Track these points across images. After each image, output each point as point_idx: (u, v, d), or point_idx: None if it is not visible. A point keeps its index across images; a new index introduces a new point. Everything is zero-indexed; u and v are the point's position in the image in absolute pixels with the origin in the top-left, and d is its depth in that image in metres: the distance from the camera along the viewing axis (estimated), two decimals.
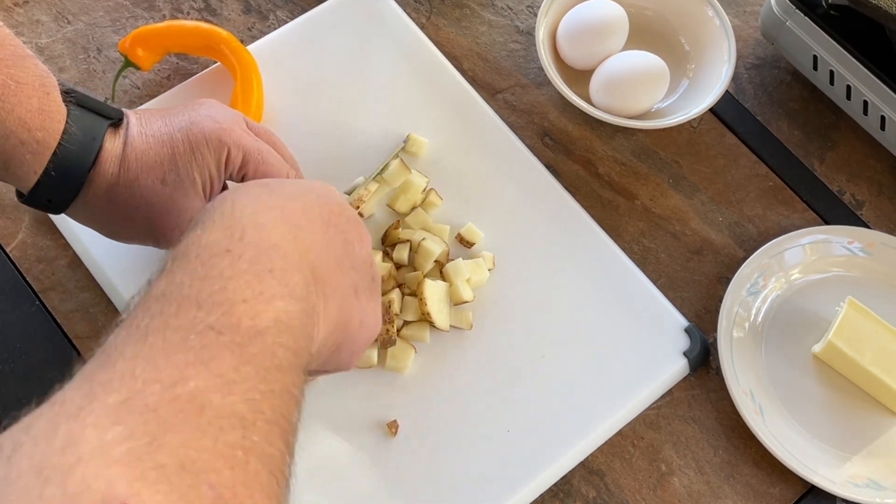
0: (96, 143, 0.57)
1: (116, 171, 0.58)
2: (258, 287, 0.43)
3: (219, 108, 0.62)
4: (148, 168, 0.58)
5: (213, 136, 0.59)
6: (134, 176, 0.58)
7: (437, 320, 0.67)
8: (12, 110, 0.54)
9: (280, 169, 0.62)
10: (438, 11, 0.83)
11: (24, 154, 0.55)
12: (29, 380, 0.67)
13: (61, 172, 0.57)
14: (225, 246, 0.44)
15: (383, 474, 0.64)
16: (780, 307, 0.72)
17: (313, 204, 0.51)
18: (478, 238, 0.71)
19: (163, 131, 0.60)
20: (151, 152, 0.59)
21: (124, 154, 0.58)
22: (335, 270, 0.50)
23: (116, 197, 0.58)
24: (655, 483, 0.67)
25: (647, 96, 0.75)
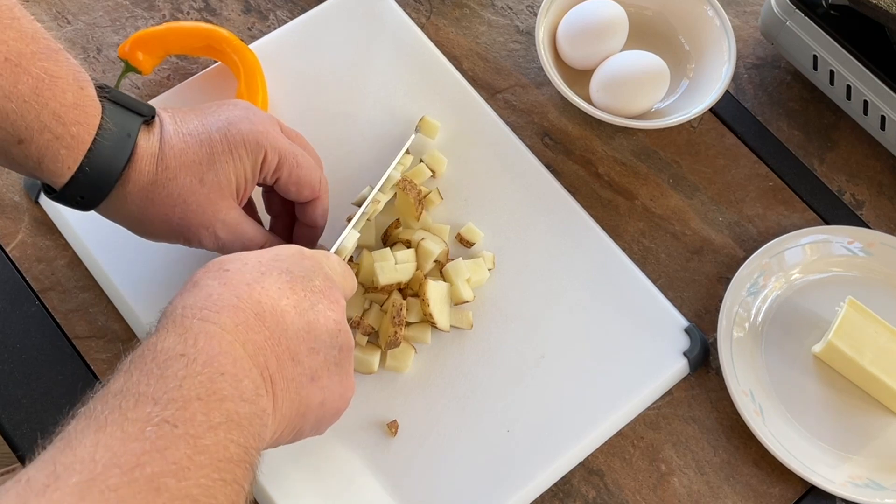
0: (131, 140, 0.56)
1: (154, 170, 0.58)
2: (211, 387, 0.45)
3: (254, 111, 0.62)
4: (187, 167, 0.58)
5: (250, 137, 0.59)
6: (173, 175, 0.58)
7: (438, 321, 0.67)
8: (47, 104, 0.53)
9: (312, 173, 0.63)
10: (438, 11, 0.83)
11: (58, 149, 0.54)
12: (29, 380, 0.67)
13: (96, 169, 0.56)
14: (179, 350, 0.46)
15: (383, 474, 0.64)
16: (780, 307, 0.72)
17: (273, 284, 0.52)
18: (478, 238, 0.71)
19: (200, 130, 0.59)
20: (190, 151, 0.58)
21: (161, 152, 0.58)
22: (288, 365, 0.51)
23: (154, 195, 0.58)
24: (655, 483, 0.67)
25: (647, 96, 0.75)
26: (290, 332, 0.51)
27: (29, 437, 0.65)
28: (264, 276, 0.52)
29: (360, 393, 0.66)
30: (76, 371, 0.67)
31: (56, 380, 0.67)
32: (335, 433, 0.65)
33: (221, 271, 0.52)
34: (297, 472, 0.64)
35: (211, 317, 0.49)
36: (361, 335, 0.66)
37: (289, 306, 0.52)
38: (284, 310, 0.52)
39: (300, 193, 0.63)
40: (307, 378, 0.52)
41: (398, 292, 0.68)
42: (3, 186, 0.73)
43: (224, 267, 0.53)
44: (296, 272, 0.54)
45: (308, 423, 0.54)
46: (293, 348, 0.51)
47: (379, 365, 0.67)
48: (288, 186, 0.62)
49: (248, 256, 0.54)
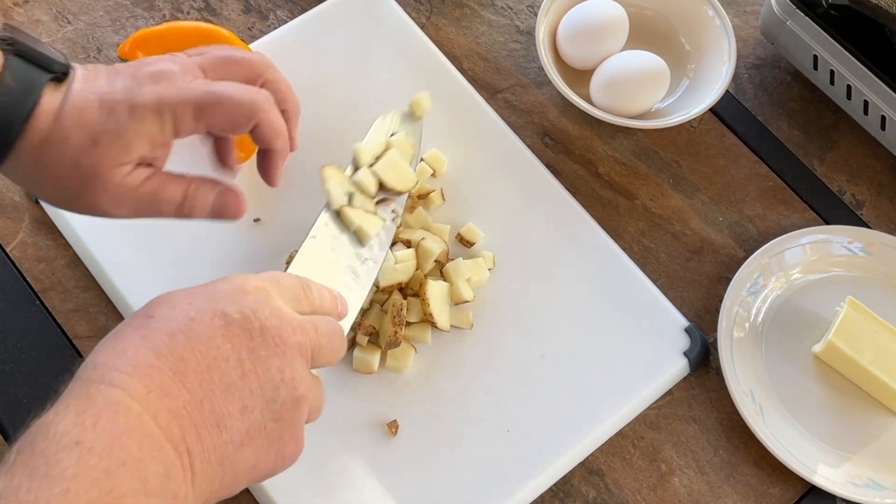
0: (33, 98, 0.52)
1: (48, 129, 0.53)
2: (107, 484, 0.40)
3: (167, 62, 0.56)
4: (80, 127, 0.53)
5: (152, 96, 0.54)
6: (65, 135, 0.53)
7: (438, 321, 0.67)
8: None
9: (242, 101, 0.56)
10: (438, 11, 0.83)
11: None
12: (29, 380, 0.67)
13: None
14: (75, 437, 0.41)
15: (383, 474, 0.64)
16: (780, 307, 0.72)
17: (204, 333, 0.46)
18: (478, 238, 0.71)
19: (104, 90, 0.54)
20: (88, 110, 0.53)
21: (60, 111, 0.53)
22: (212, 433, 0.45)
23: (44, 156, 0.53)
24: (655, 483, 0.67)
25: (647, 96, 0.75)
26: (217, 391, 0.45)
27: None
28: (193, 324, 0.46)
29: (361, 392, 0.66)
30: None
31: (56, 380, 0.67)
32: (335, 433, 0.65)
33: (145, 318, 0.47)
34: (297, 472, 0.64)
35: (121, 381, 0.43)
36: (362, 335, 0.66)
37: (219, 359, 0.46)
38: (213, 364, 0.46)
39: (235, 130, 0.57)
40: (235, 445, 0.46)
41: (398, 292, 0.68)
42: (3, 186, 0.73)
43: (149, 312, 0.47)
44: (233, 314, 0.47)
45: (239, 486, 0.48)
46: (220, 411, 0.45)
47: (379, 365, 0.67)
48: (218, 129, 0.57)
49: (177, 298, 0.48)
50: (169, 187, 0.56)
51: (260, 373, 0.47)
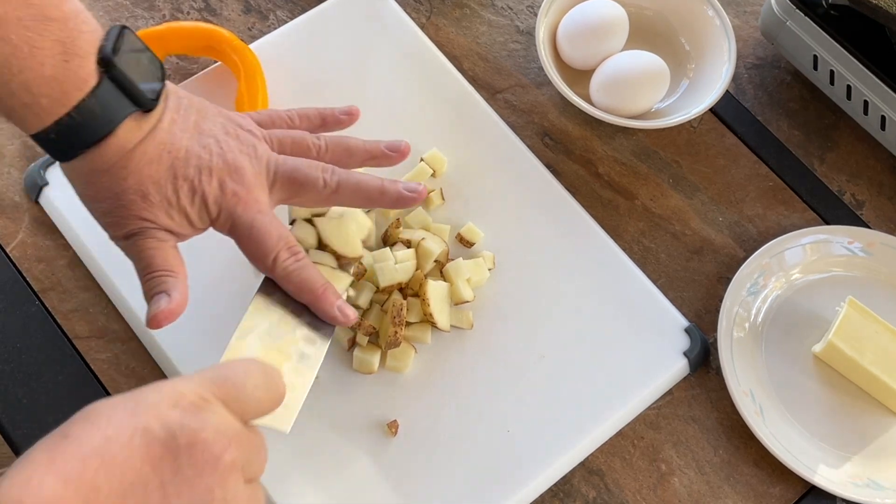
0: (110, 126, 0.54)
1: (113, 163, 0.55)
2: None
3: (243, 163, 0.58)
4: (141, 177, 0.56)
5: (213, 192, 0.57)
6: (123, 176, 0.55)
7: (438, 321, 0.67)
8: (19, 73, 0.51)
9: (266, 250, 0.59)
10: (438, 11, 0.83)
11: (26, 114, 0.53)
12: (29, 380, 0.67)
13: (62, 139, 0.54)
14: None
15: (383, 474, 0.64)
16: (780, 307, 0.72)
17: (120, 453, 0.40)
18: (478, 238, 0.71)
19: (180, 156, 0.57)
20: (155, 167, 0.56)
21: (132, 151, 0.55)
22: None
23: (98, 180, 0.56)
24: (655, 483, 0.67)
25: (647, 96, 0.75)
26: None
27: (29, 437, 0.65)
28: (109, 444, 0.40)
29: (361, 392, 0.66)
30: (76, 371, 0.67)
31: (56, 380, 0.67)
32: (335, 433, 0.65)
33: (60, 437, 0.41)
34: (297, 472, 0.64)
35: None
36: (362, 335, 0.66)
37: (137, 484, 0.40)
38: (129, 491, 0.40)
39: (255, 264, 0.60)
40: None
41: (398, 292, 0.68)
42: (3, 186, 0.73)
43: (65, 431, 0.41)
44: (156, 430, 0.41)
45: None
46: None
47: (379, 365, 0.67)
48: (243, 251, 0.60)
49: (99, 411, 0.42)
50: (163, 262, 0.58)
51: (185, 496, 0.41)
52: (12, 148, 0.74)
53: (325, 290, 0.60)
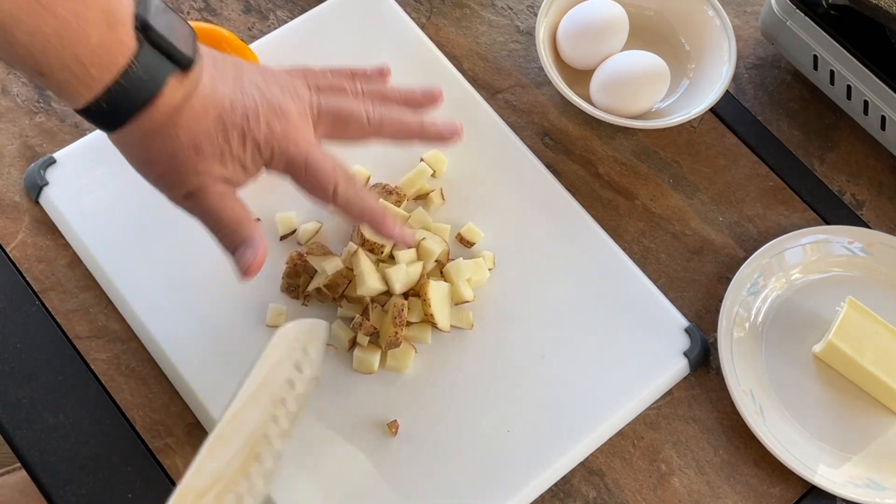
0: (155, 87, 0.55)
1: (163, 122, 0.56)
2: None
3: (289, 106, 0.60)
4: (192, 132, 0.57)
5: (263, 134, 0.59)
6: (175, 133, 0.57)
7: (439, 321, 0.67)
8: (69, 46, 0.52)
9: (322, 183, 0.60)
10: (438, 11, 0.83)
11: (77, 86, 0.54)
12: (29, 380, 0.67)
13: (111, 107, 0.55)
14: None
15: (383, 474, 0.64)
16: (780, 307, 0.72)
17: None
18: (478, 238, 0.71)
19: (225, 105, 0.58)
20: (204, 120, 0.57)
21: (179, 108, 0.57)
22: None
23: (150, 142, 0.57)
24: (655, 483, 0.67)
25: (647, 96, 0.75)
26: None
27: (29, 437, 0.65)
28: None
29: (361, 392, 0.66)
30: (76, 371, 0.67)
31: (56, 380, 0.67)
32: (335, 433, 0.65)
33: None
34: (297, 472, 0.64)
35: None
36: (363, 335, 0.66)
37: None
38: None
39: (314, 198, 0.62)
40: None
41: None
42: (4, 186, 0.73)
43: None
44: None
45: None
46: None
47: (379, 365, 0.67)
48: (300, 188, 0.61)
49: None
50: (234, 207, 0.60)
51: None
52: (12, 148, 0.74)
53: (385, 214, 0.62)
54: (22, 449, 0.65)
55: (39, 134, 0.75)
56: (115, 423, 0.66)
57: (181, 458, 0.65)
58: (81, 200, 0.71)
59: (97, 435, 0.66)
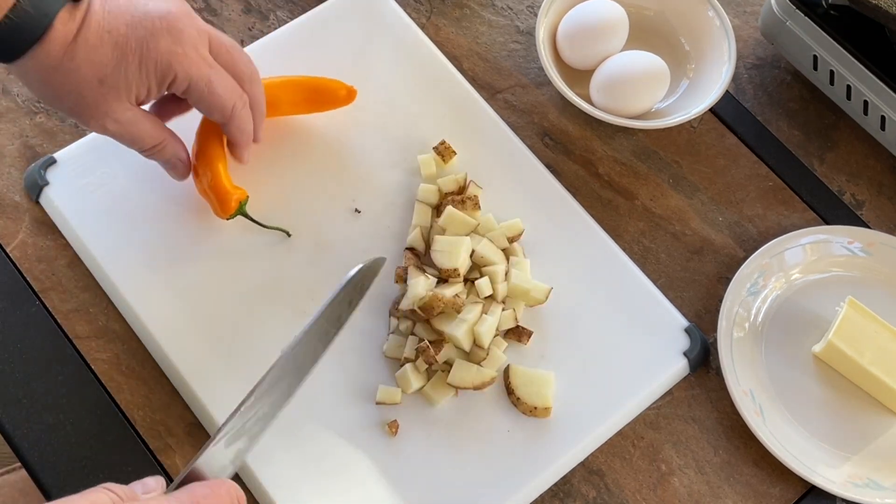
0: (46, 20, 0.56)
1: (59, 57, 0.57)
2: None
3: (184, 23, 0.61)
4: (92, 64, 0.58)
5: (164, 57, 0.59)
6: (75, 67, 0.58)
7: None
8: None
9: (224, 100, 0.63)
10: (438, 11, 0.83)
11: None
12: (29, 380, 0.67)
13: (2, 42, 0.56)
14: None
15: (383, 474, 0.64)
16: (780, 307, 0.72)
17: None
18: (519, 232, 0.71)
19: (120, 31, 0.59)
20: (101, 50, 0.58)
21: (74, 42, 0.57)
22: None
23: (52, 79, 0.58)
24: (655, 483, 0.67)
25: (647, 96, 0.75)
26: None
27: (29, 437, 0.65)
28: None
29: (361, 392, 0.66)
30: (76, 371, 0.67)
31: (56, 380, 0.67)
32: (336, 432, 0.65)
33: None
34: (297, 472, 0.64)
35: None
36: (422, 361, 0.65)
37: None
38: None
39: (211, 115, 0.64)
40: None
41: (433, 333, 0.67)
42: (3, 186, 0.73)
43: None
44: None
45: None
46: None
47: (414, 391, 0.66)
48: (198, 107, 0.64)
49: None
50: (150, 130, 0.63)
51: None
52: (12, 148, 0.74)
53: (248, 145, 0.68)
54: (22, 449, 0.65)
55: (39, 134, 0.75)
56: (115, 423, 0.66)
57: (181, 458, 0.65)
58: (81, 200, 0.71)
59: (97, 435, 0.66)
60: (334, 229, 0.72)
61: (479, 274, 0.69)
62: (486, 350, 0.66)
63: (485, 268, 0.69)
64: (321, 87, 0.74)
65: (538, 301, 0.69)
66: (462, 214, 0.70)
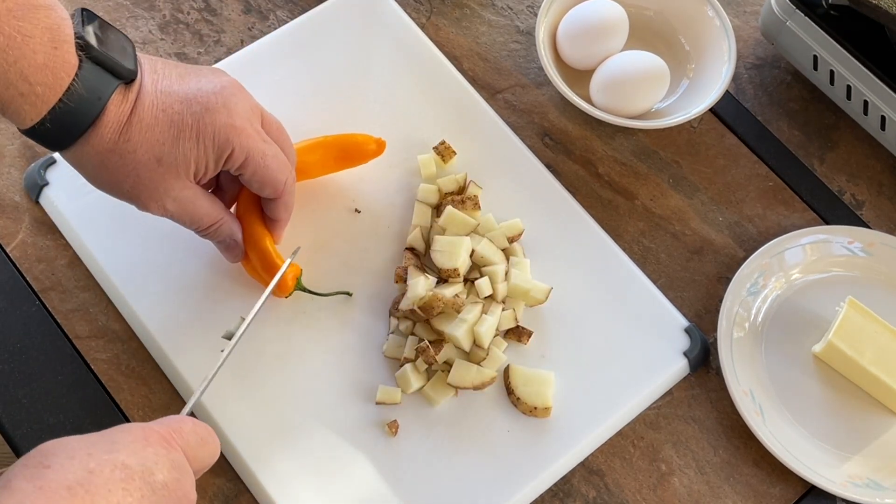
0: (100, 104, 0.56)
1: (115, 138, 0.57)
2: None
3: (238, 98, 0.61)
4: (149, 143, 0.58)
5: (222, 131, 0.59)
6: (132, 148, 0.57)
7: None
8: (15, 63, 0.52)
9: (278, 174, 0.62)
10: (438, 11, 0.83)
11: (22, 104, 0.54)
12: (29, 380, 0.67)
13: (57, 127, 0.56)
14: None
15: (383, 474, 0.64)
16: (780, 307, 0.72)
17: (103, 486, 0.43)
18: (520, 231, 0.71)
19: (174, 109, 0.58)
20: (157, 129, 0.58)
21: (128, 123, 0.57)
22: None
23: (108, 162, 0.58)
24: (655, 483, 0.67)
25: (647, 96, 0.75)
26: None
27: (29, 437, 0.65)
28: (92, 476, 0.44)
29: (361, 392, 0.66)
30: (76, 371, 0.67)
31: (56, 380, 0.67)
32: (336, 432, 0.65)
33: (41, 468, 0.43)
34: (297, 471, 0.64)
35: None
36: (423, 361, 0.65)
37: None
38: None
39: (262, 191, 0.64)
40: None
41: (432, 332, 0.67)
42: (3, 186, 0.73)
43: (44, 462, 0.44)
44: (134, 466, 0.45)
45: None
46: None
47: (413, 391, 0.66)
48: (251, 183, 0.63)
49: (74, 447, 0.45)
50: (208, 208, 0.62)
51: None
52: (12, 148, 0.74)
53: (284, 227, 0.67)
54: (22, 449, 0.65)
55: None
56: (114, 423, 0.65)
57: None
58: (81, 200, 0.71)
59: None
60: (334, 229, 0.72)
61: (479, 274, 0.69)
62: (486, 350, 0.66)
63: (485, 268, 0.69)
64: (350, 145, 0.72)
65: (538, 301, 0.69)
66: (462, 214, 0.70)
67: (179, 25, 0.80)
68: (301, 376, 0.66)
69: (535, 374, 0.67)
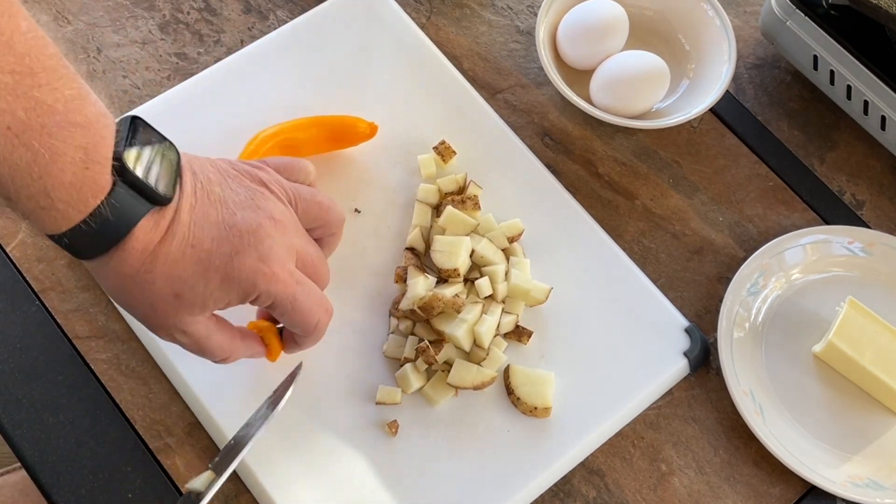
0: (124, 231, 0.52)
1: (136, 268, 0.53)
2: None
3: (272, 241, 0.56)
4: (170, 279, 0.54)
5: (249, 277, 0.55)
6: (152, 279, 0.54)
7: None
8: (39, 178, 0.48)
9: (308, 317, 0.59)
10: (438, 11, 0.83)
11: (44, 218, 0.50)
12: (29, 380, 0.67)
13: (76, 244, 0.52)
14: None
15: (383, 474, 0.64)
16: (780, 307, 0.72)
17: None
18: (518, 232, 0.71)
19: (204, 247, 0.54)
20: (181, 264, 0.54)
21: (154, 254, 0.53)
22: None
23: (125, 286, 0.54)
24: (655, 483, 0.67)
25: (647, 96, 0.75)
26: None
27: (29, 437, 0.65)
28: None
29: (361, 392, 0.66)
30: (76, 371, 0.67)
31: (56, 380, 0.67)
32: (336, 432, 0.65)
33: None
34: (297, 472, 0.64)
35: None
36: (422, 361, 0.65)
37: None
38: None
39: (292, 328, 0.61)
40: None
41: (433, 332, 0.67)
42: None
43: None
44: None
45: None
46: None
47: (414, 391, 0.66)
48: (279, 319, 0.60)
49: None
50: (220, 343, 0.59)
51: None
52: None
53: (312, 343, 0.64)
54: (22, 449, 0.65)
55: None
56: (115, 423, 0.66)
57: (181, 458, 0.65)
58: None
59: (97, 435, 0.66)
60: None
61: (479, 274, 0.69)
62: (486, 350, 0.66)
63: (485, 268, 0.69)
64: (341, 125, 0.73)
65: (538, 301, 0.69)
66: (462, 214, 0.70)
67: (179, 25, 0.80)
68: (301, 376, 0.66)
69: (535, 374, 0.67)
